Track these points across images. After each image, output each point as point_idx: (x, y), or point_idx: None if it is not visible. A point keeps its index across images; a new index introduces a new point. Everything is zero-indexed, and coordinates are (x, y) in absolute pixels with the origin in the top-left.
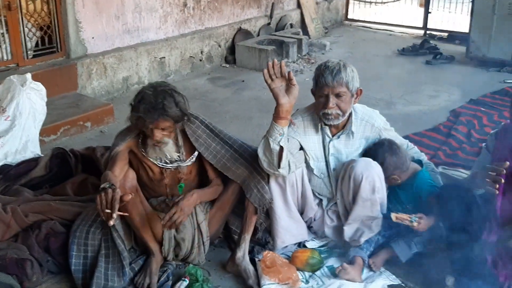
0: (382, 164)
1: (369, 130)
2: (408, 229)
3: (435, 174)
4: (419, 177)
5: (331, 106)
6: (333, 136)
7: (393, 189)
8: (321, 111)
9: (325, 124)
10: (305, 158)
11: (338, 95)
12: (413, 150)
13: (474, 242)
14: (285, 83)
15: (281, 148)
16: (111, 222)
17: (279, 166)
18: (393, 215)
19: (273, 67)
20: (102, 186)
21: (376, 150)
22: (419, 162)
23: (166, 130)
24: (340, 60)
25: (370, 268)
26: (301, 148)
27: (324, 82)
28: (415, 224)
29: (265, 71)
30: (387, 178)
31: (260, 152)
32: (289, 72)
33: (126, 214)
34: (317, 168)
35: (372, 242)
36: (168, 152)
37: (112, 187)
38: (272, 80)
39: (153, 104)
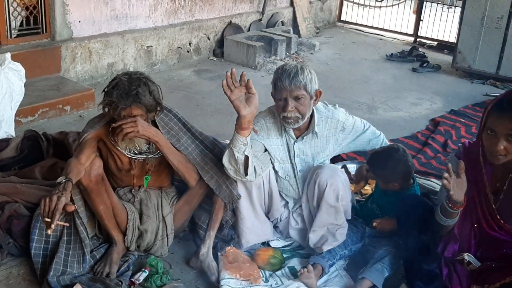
0: (393, 169)
1: (334, 126)
2: (375, 247)
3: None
4: (408, 192)
5: (289, 109)
6: (297, 138)
7: (380, 193)
8: (280, 114)
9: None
10: (271, 160)
11: (296, 98)
12: (384, 141)
13: (429, 254)
14: (245, 91)
15: (246, 157)
16: (49, 232)
17: (246, 174)
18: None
19: (231, 77)
20: (58, 180)
21: (390, 155)
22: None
23: None
24: (298, 63)
25: None
26: (266, 150)
27: (281, 85)
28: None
29: (224, 82)
30: (387, 184)
31: (225, 162)
32: (248, 80)
33: (66, 224)
34: (282, 170)
35: (337, 254)
36: (138, 142)
37: (65, 187)
38: (231, 91)
39: (127, 90)
